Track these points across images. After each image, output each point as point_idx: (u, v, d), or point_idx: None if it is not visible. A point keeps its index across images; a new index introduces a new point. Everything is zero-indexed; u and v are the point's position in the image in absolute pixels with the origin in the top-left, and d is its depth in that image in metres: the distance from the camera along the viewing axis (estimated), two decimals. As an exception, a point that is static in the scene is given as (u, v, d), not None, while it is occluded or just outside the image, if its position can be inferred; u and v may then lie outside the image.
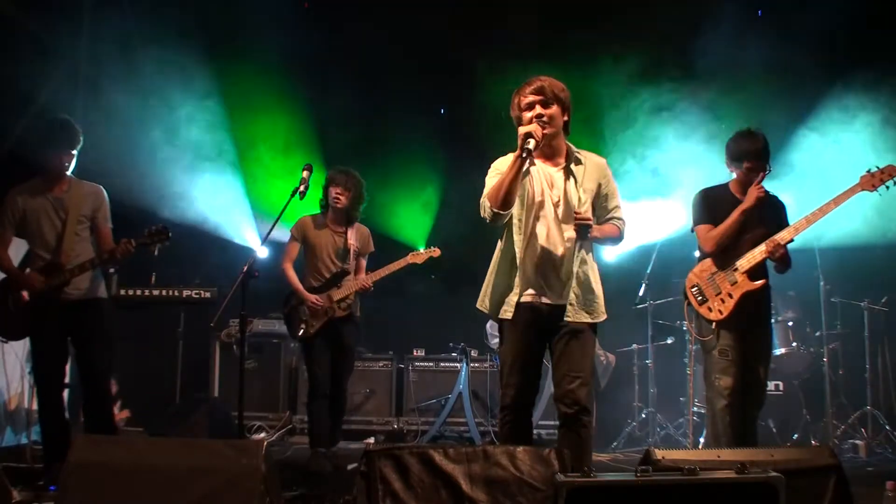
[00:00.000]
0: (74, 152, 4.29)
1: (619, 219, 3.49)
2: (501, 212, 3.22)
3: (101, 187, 4.47)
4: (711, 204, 4.16)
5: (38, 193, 4.29)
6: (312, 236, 5.09)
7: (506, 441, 3.27)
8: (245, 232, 7.24)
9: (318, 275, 5.07)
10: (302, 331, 4.99)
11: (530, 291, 3.29)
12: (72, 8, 6.62)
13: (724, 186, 4.22)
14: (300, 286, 5.04)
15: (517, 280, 3.29)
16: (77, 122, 4.37)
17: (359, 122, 7.18)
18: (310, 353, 5.07)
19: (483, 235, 3.62)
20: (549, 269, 3.30)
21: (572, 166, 3.35)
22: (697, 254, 4.33)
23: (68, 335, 4.31)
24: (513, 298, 3.30)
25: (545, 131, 3.21)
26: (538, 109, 3.25)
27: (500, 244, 3.41)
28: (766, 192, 4.00)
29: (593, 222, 3.31)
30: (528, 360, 3.33)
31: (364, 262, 5.23)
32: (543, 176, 3.35)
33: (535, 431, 3.99)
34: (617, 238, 3.50)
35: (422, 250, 5.36)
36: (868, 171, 3.91)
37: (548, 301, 3.30)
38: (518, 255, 3.30)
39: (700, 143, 6.30)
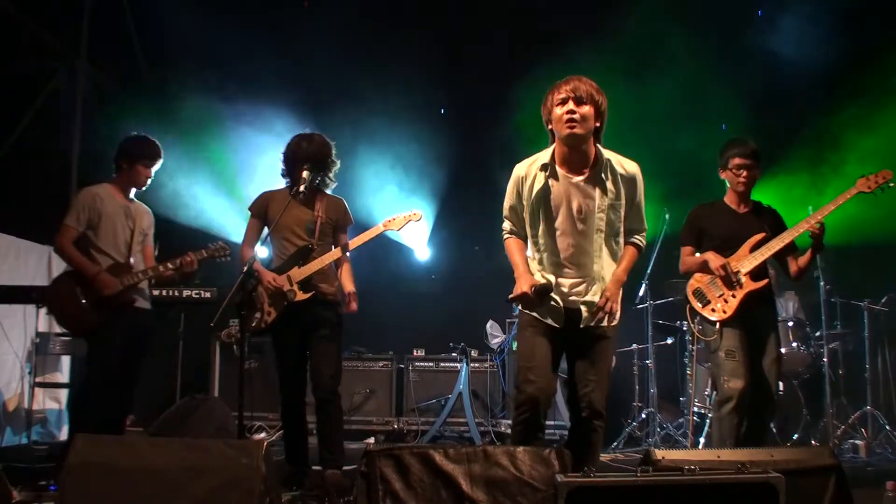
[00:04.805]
0: (153, 170, 4.58)
1: (641, 234, 3.41)
2: None
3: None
4: (699, 223, 4.25)
5: (112, 197, 4.51)
6: (275, 212, 4.26)
7: (518, 441, 3.21)
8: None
9: (282, 255, 4.31)
10: (255, 321, 4.16)
11: (557, 296, 3.27)
12: (72, 8, 6.62)
13: (721, 200, 4.32)
14: (260, 266, 4.24)
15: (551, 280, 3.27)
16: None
17: (358, 122, 7.17)
18: (277, 349, 4.29)
19: (483, 236, 3.61)
20: (572, 274, 3.27)
21: (601, 175, 3.24)
22: None
23: (129, 340, 4.44)
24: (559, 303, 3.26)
25: (575, 130, 3.14)
26: (571, 105, 3.14)
27: (530, 245, 3.39)
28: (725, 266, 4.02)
29: (611, 314, 3.26)
30: (548, 360, 3.29)
31: (345, 237, 4.41)
32: (566, 188, 3.26)
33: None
34: (636, 260, 3.42)
35: (398, 214, 4.44)
36: (864, 176, 4.02)
37: (571, 306, 3.27)
38: (545, 261, 3.30)
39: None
